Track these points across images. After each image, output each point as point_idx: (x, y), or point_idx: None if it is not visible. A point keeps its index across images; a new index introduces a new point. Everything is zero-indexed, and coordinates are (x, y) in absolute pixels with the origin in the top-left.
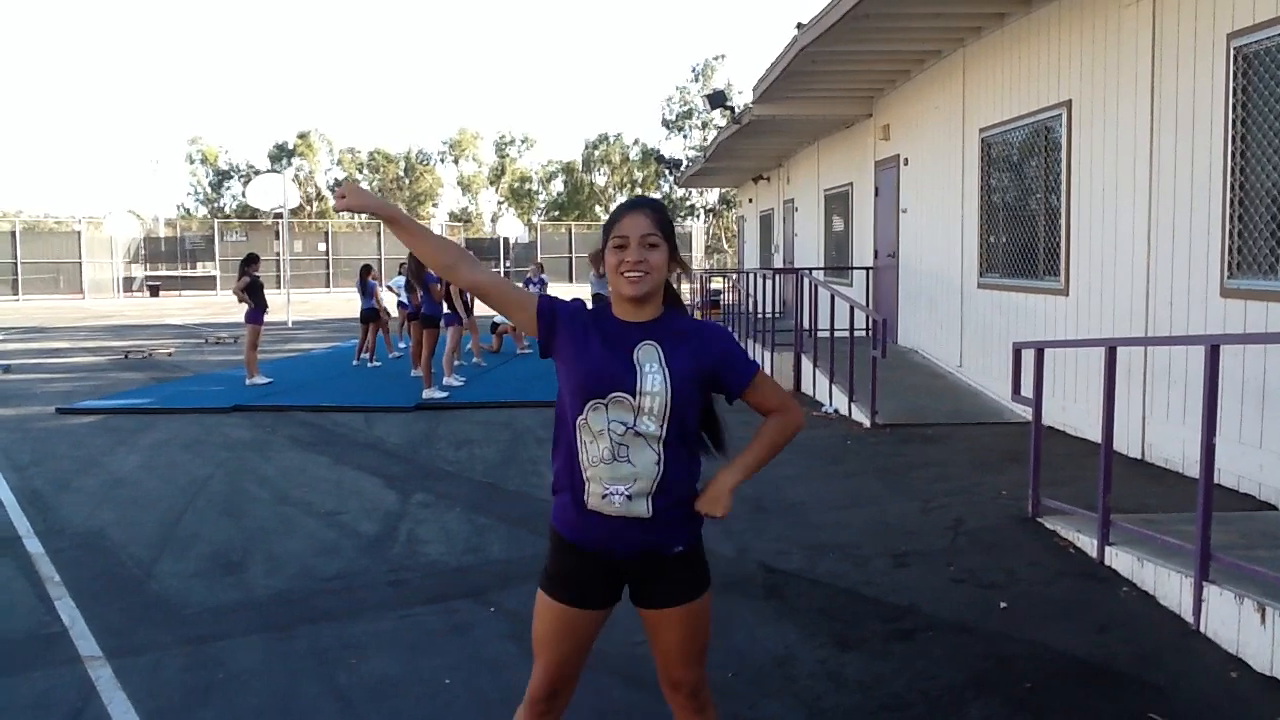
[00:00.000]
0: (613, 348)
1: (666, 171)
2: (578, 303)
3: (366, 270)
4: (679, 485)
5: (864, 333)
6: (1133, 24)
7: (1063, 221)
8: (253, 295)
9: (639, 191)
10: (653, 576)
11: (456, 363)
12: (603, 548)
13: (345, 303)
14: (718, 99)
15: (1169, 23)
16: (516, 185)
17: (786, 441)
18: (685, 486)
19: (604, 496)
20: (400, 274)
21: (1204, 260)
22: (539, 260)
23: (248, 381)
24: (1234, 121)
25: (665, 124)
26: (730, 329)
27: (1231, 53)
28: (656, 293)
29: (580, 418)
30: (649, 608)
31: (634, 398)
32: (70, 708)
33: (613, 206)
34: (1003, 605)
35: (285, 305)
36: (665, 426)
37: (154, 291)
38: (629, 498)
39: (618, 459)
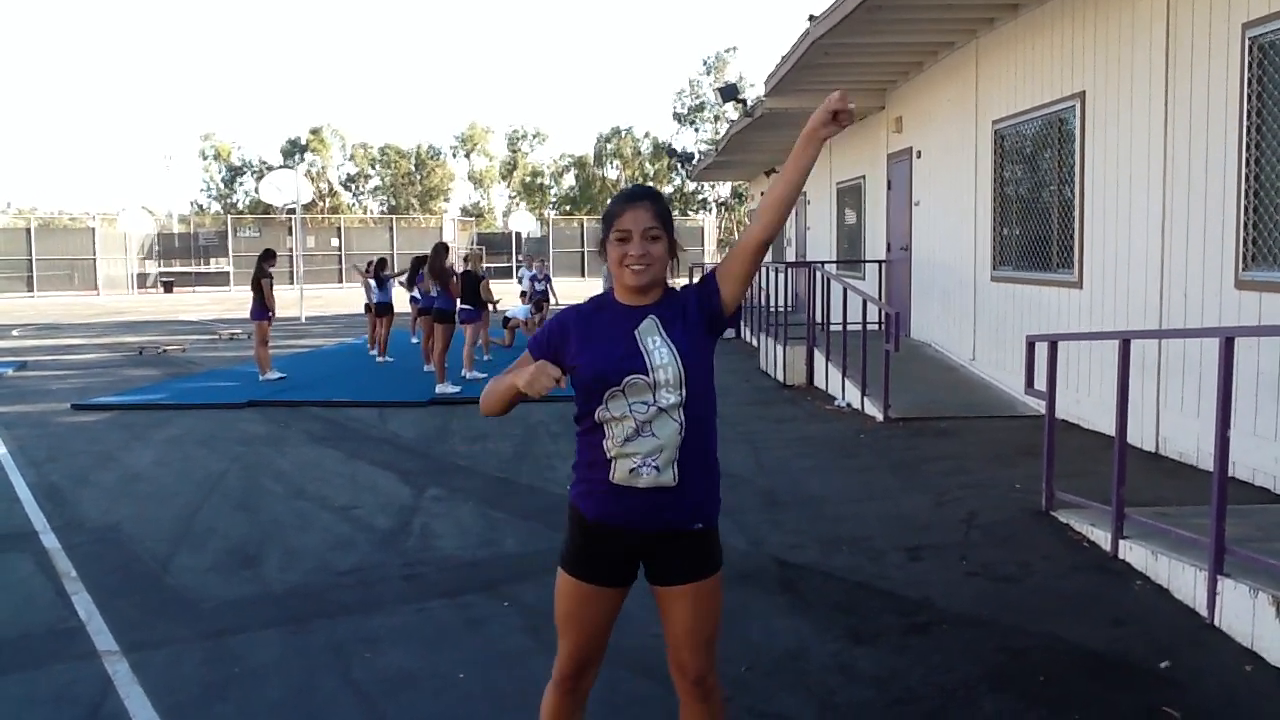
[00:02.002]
0: (617, 334)
1: (678, 165)
2: (568, 310)
3: (382, 264)
4: (701, 452)
5: (876, 326)
6: (1147, 14)
7: (1076, 213)
8: (263, 294)
9: (651, 185)
10: (670, 553)
11: (485, 358)
12: (624, 524)
13: (360, 297)
14: (730, 92)
15: (1183, 13)
16: (528, 179)
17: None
18: (707, 455)
19: (632, 471)
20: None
21: (1218, 252)
22: (531, 255)
23: (261, 377)
24: (1249, 112)
25: (677, 117)
26: (741, 322)
27: (1246, 43)
28: (660, 281)
29: (600, 408)
30: (664, 584)
31: (648, 375)
32: (88, 702)
33: None
34: (1025, 599)
35: (298, 300)
36: (684, 392)
37: (168, 288)
38: (657, 469)
39: (641, 435)
